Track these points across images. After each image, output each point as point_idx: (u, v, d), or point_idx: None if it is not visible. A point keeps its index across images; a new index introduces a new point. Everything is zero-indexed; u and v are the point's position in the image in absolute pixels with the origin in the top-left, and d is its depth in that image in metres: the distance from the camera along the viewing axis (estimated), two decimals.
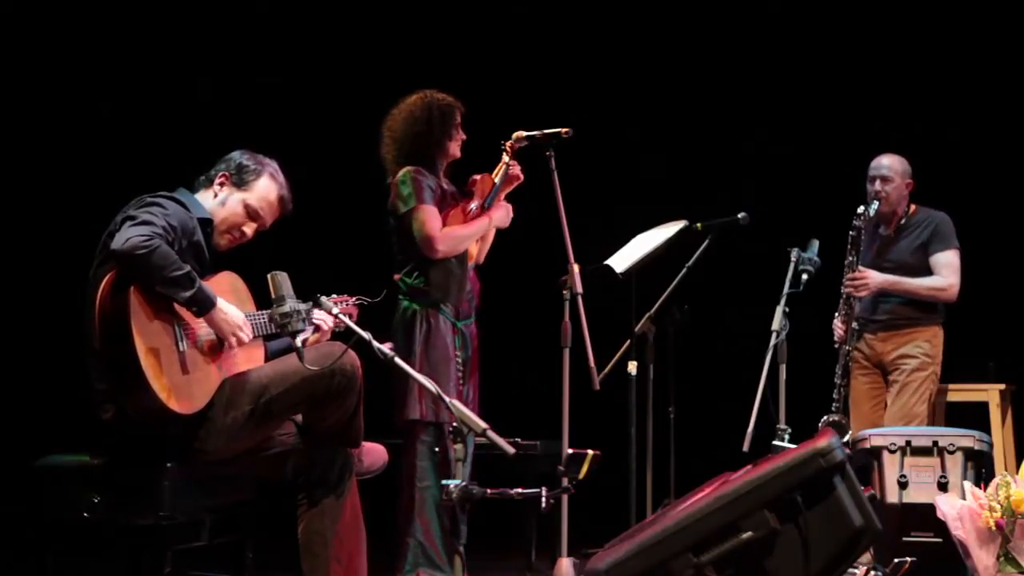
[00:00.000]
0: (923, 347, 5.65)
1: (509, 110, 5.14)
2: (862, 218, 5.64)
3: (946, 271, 5.64)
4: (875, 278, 5.63)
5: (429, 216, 4.77)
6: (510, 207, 4.95)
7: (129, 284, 3.54)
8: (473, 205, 4.94)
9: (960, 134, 6.91)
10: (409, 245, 4.84)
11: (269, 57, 7.18)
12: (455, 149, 4.95)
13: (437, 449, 4.72)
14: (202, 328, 3.71)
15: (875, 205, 5.65)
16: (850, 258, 5.65)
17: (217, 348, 3.75)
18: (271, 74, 7.18)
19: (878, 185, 5.69)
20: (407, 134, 4.90)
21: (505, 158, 4.90)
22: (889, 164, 5.72)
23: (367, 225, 5.80)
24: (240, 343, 3.73)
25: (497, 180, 4.93)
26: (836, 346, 5.70)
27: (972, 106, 6.95)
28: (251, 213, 3.98)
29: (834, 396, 5.58)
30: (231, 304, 3.75)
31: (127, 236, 3.52)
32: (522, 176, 4.94)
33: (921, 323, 5.68)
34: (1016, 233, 6.79)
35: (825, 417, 5.45)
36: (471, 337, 4.94)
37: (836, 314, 5.73)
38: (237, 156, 4.00)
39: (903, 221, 5.76)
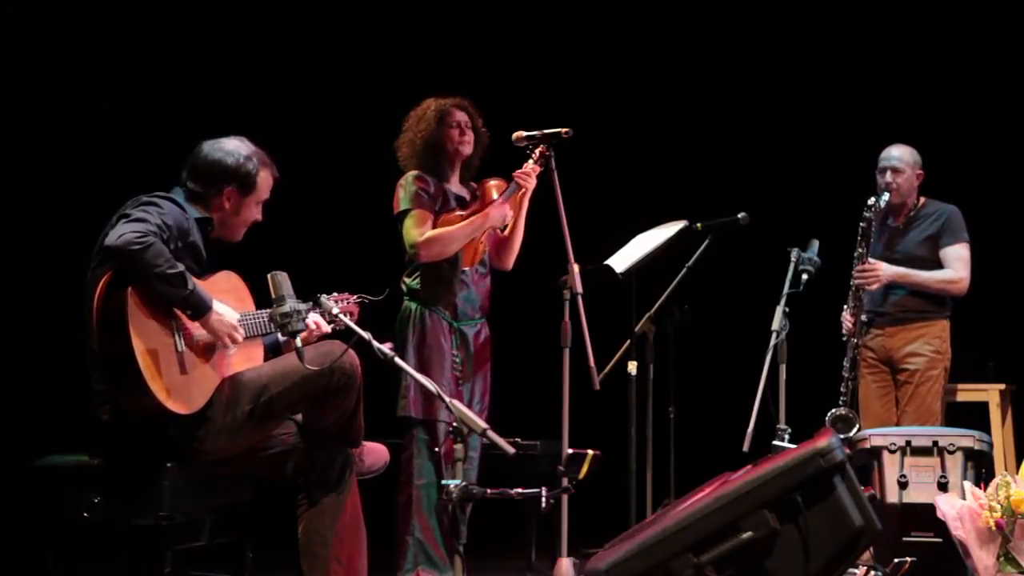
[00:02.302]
0: (933, 344, 5.62)
1: (509, 110, 5.13)
2: (873, 209, 5.61)
3: (957, 264, 5.60)
4: (885, 270, 5.60)
5: (416, 221, 4.82)
6: (507, 209, 4.92)
7: (127, 285, 3.54)
8: (462, 211, 4.93)
9: (960, 134, 6.90)
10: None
11: (271, 57, 7.18)
12: (460, 148, 4.95)
13: (437, 448, 4.74)
14: (199, 328, 3.70)
15: (885, 196, 5.63)
16: (860, 249, 5.62)
17: (215, 348, 3.75)
18: (273, 74, 7.18)
19: (888, 176, 5.66)
20: (409, 141, 4.95)
21: (530, 162, 4.89)
22: (899, 155, 5.68)
23: (373, 225, 5.82)
24: (234, 342, 3.72)
25: (512, 184, 4.93)
26: (844, 339, 5.66)
27: (972, 106, 6.95)
28: (260, 202, 3.99)
29: (841, 390, 5.55)
30: (225, 304, 3.74)
31: (121, 232, 3.53)
32: (529, 184, 4.90)
33: (930, 317, 5.64)
34: (1016, 233, 6.79)
35: (832, 411, 5.43)
36: (473, 338, 4.95)
37: (845, 307, 5.70)
38: (220, 157, 3.90)
39: (912, 213, 5.73)
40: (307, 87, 7.25)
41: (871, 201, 5.62)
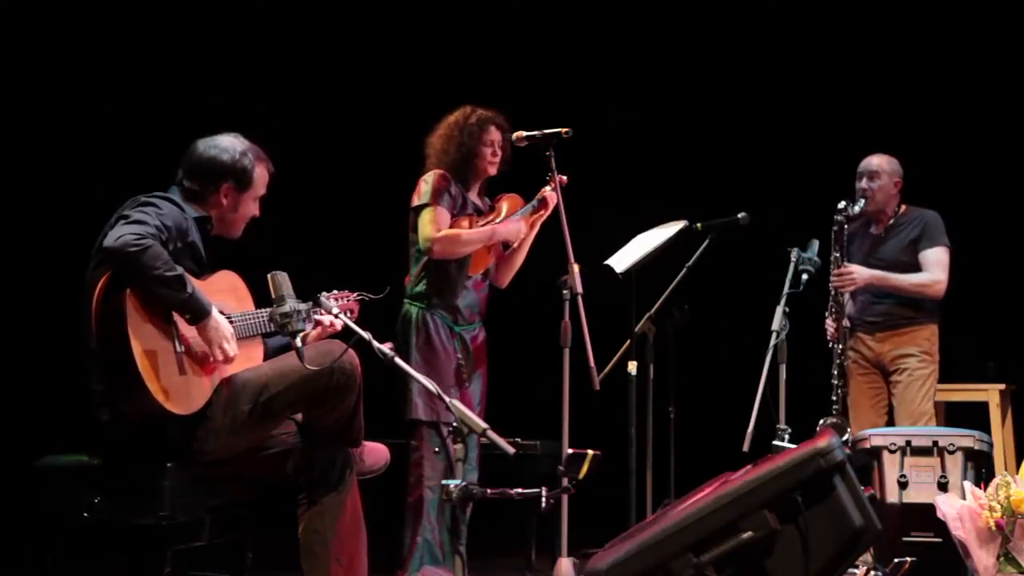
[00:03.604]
0: (923, 346, 5.63)
1: (509, 110, 5.13)
2: (843, 213, 5.62)
3: (934, 268, 5.60)
4: (861, 273, 5.61)
5: (435, 216, 4.84)
6: (523, 224, 4.96)
7: (125, 286, 3.54)
8: (477, 219, 4.95)
9: (961, 133, 6.90)
10: (417, 242, 4.91)
11: (271, 56, 7.17)
12: (485, 166, 4.97)
13: (437, 450, 4.75)
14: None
15: (861, 203, 5.64)
16: (835, 254, 5.62)
17: None
18: (273, 73, 7.18)
19: (864, 183, 5.68)
20: (438, 148, 4.96)
21: (547, 188, 4.91)
22: (877, 162, 5.71)
23: (375, 225, 5.81)
24: (224, 355, 3.71)
25: (529, 204, 4.94)
26: (830, 345, 5.67)
27: (972, 105, 6.95)
28: (258, 197, 3.99)
29: (832, 398, 5.55)
30: (223, 307, 3.73)
31: (119, 234, 3.52)
32: (550, 207, 4.92)
33: (918, 322, 5.65)
34: (1016, 233, 6.79)
35: (823, 419, 5.43)
36: (471, 341, 4.96)
37: (826, 313, 5.71)
38: (215, 155, 3.89)
39: (893, 220, 5.73)
40: (307, 86, 7.25)
41: (841, 205, 5.62)
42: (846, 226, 5.64)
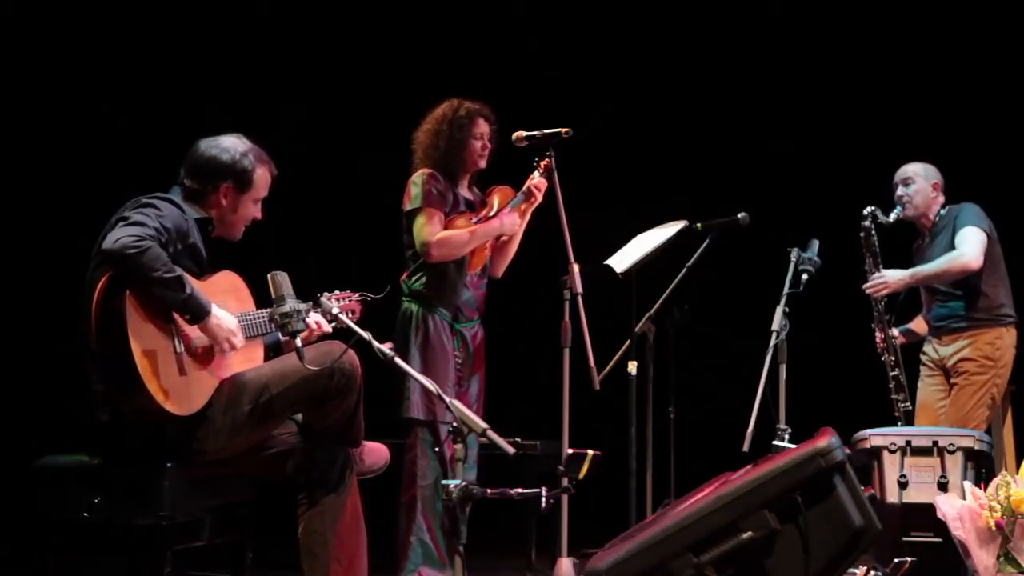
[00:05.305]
0: (983, 350, 5.49)
1: (509, 110, 5.13)
2: (870, 219, 5.58)
3: (961, 246, 5.44)
4: (894, 276, 5.55)
5: (428, 220, 4.82)
6: (515, 217, 4.94)
7: (125, 287, 3.54)
8: (471, 215, 4.95)
9: (960, 132, 6.89)
10: (412, 244, 4.89)
11: (271, 56, 7.18)
12: (475, 159, 4.95)
13: (437, 449, 4.75)
14: (198, 330, 3.70)
15: (896, 211, 5.59)
16: (868, 260, 5.59)
17: (214, 349, 3.74)
18: (273, 71, 7.18)
19: (900, 190, 5.62)
20: (425, 143, 4.94)
21: (536, 175, 4.90)
22: (911, 168, 5.63)
23: (374, 224, 5.81)
24: (232, 348, 3.72)
25: (519, 194, 4.93)
26: (881, 356, 5.59)
27: (970, 104, 6.95)
28: (259, 199, 3.98)
29: (895, 414, 5.47)
30: (224, 307, 3.73)
31: (118, 236, 3.52)
32: (539, 196, 4.92)
33: (982, 325, 5.51)
34: (1015, 233, 6.78)
35: None
36: (471, 339, 4.96)
37: (872, 324, 5.65)
38: (216, 154, 3.88)
39: (935, 222, 5.62)
40: (307, 86, 7.25)
41: (867, 210, 5.57)
42: (873, 232, 5.58)
